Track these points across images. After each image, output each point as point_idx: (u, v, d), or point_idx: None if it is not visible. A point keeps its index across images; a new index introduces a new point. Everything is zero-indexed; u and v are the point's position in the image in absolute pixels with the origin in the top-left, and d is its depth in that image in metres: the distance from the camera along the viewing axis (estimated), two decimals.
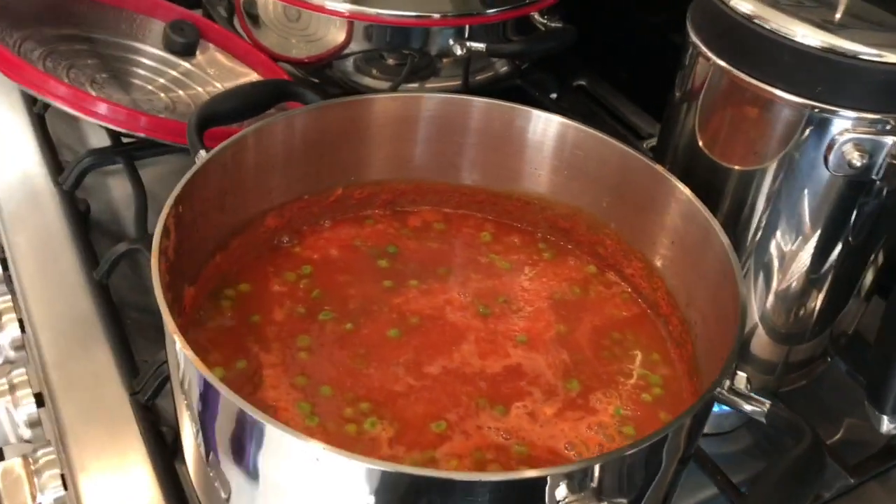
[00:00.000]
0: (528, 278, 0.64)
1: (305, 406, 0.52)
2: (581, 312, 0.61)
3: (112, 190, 0.83)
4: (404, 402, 0.53)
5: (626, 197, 0.62)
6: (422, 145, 0.65)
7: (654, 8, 0.94)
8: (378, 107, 0.63)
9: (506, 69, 0.92)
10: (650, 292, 0.62)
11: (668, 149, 0.64)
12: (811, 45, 0.52)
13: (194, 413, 0.45)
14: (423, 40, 0.85)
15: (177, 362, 0.46)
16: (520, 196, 0.66)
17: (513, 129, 0.63)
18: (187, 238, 0.53)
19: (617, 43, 1.00)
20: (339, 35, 0.85)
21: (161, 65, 0.88)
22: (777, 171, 0.56)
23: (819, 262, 0.59)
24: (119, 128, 0.72)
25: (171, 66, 0.88)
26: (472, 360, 0.57)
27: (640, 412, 0.55)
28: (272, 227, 0.63)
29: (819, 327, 0.64)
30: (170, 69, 0.88)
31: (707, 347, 0.55)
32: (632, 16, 0.97)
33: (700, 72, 0.59)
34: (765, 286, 0.61)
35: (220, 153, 0.55)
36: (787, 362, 0.65)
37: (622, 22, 0.98)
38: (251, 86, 0.67)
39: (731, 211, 0.59)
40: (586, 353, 0.58)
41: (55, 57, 0.80)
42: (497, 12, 0.85)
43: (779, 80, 0.53)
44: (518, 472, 0.41)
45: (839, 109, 0.53)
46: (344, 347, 0.56)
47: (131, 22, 0.89)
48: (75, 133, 0.89)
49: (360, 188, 0.65)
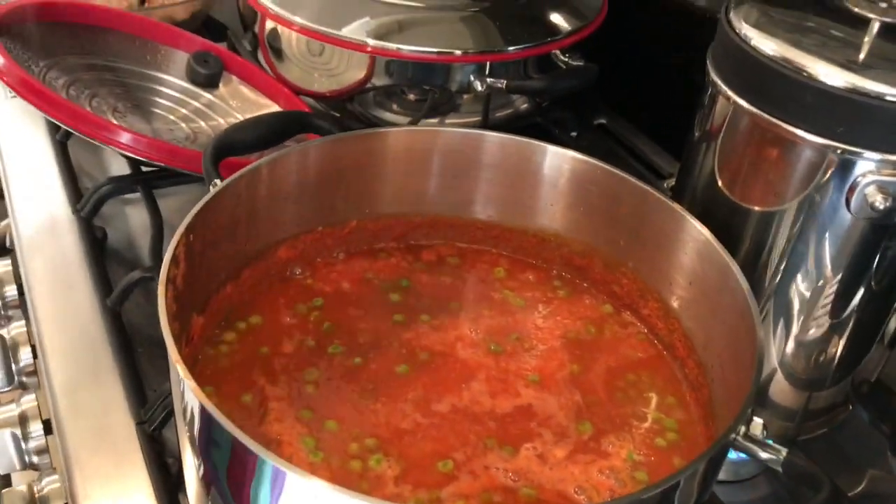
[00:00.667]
0: (542, 316, 0.63)
1: (310, 441, 0.51)
2: (595, 352, 0.60)
3: (130, 218, 0.83)
4: (411, 440, 0.52)
5: (643, 236, 0.61)
6: (437, 179, 0.64)
7: (675, 47, 0.94)
8: (393, 140, 0.62)
9: (526, 106, 0.92)
10: (666, 333, 0.60)
11: (686, 188, 0.63)
12: (835, 85, 0.51)
13: (195, 444, 0.45)
14: (444, 76, 0.85)
15: (180, 392, 0.45)
16: (535, 232, 0.66)
17: (529, 165, 0.63)
18: (197, 267, 0.53)
19: (638, 82, 0.99)
20: (360, 70, 0.85)
21: (184, 95, 0.89)
22: (798, 213, 0.55)
23: (841, 306, 0.58)
24: (138, 156, 0.72)
25: (193, 97, 0.89)
26: (482, 398, 0.56)
27: (654, 457, 0.54)
28: (284, 259, 0.62)
29: (840, 374, 0.62)
30: (192, 100, 0.88)
31: (724, 392, 0.54)
32: (653, 55, 0.96)
33: (720, 111, 0.58)
34: (784, 330, 0.60)
35: (234, 183, 0.54)
36: (807, 409, 0.63)
37: (643, 61, 0.98)
38: (269, 116, 0.67)
39: (750, 252, 0.58)
40: (600, 394, 0.57)
41: (79, 85, 0.81)
42: (518, 49, 0.85)
43: (801, 121, 0.53)
44: None
45: (862, 151, 0.52)
46: (352, 382, 0.56)
47: (156, 52, 0.90)
48: (97, 160, 0.90)
49: (375, 221, 0.65)
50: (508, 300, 0.64)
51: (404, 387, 0.56)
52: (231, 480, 0.43)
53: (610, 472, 0.52)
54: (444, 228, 0.67)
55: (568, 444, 0.53)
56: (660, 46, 0.95)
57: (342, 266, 0.64)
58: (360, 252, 0.65)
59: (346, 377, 0.56)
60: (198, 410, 0.43)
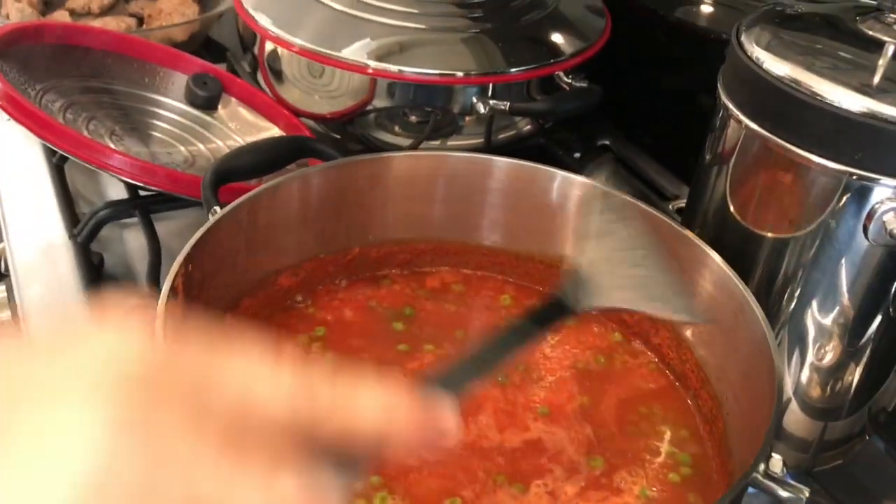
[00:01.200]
0: (550, 346, 0.61)
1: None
2: (606, 384, 0.59)
3: (127, 243, 0.81)
4: (417, 477, 0.51)
5: None
6: (441, 205, 0.63)
7: (679, 68, 0.93)
8: (397, 165, 0.61)
9: (529, 128, 0.90)
10: (678, 363, 0.59)
11: (697, 213, 0.62)
12: (851, 109, 0.49)
13: None
14: (447, 98, 0.84)
15: None
16: (542, 258, 0.64)
17: (535, 190, 0.61)
18: (196, 298, 0.51)
19: (642, 103, 0.98)
20: (361, 92, 0.84)
21: (182, 118, 0.87)
22: (812, 240, 0.54)
23: (857, 334, 0.56)
24: (135, 181, 0.71)
25: (192, 120, 0.87)
26: (490, 432, 0.54)
27: (668, 493, 0.52)
28: (285, 287, 0.61)
29: (857, 403, 0.60)
30: (191, 122, 0.87)
31: (739, 425, 0.52)
32: (656, 76, 0.95)
33: (732, 135, 0.56)
34: (799, 359, 0.58)
35: (235, 210, 0.53)
36: (823, 440, 0.62)
37: (647, 82, 0.97)
38: (268, 142, 0.66)
39: (763, 280, 0.57)
40: (611, 427, 0.56)
41: (76, 108, 0.80)
42: (521, 71, 0.84)
43: (816, 146, 0.51)
44: None
45: (880, 177, 0.50)
46: None
47: (154, 74, 0.89)
48: (94, 185, 0.88)
49: (378, 247, 0.64)
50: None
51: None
52: None
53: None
54: (448, 255, 0.65)
55: (579, 480, 0.52)
56: (663, 67, 0.94)
57: (344, 294, 0.63)
58: (363, 279, 0.64)
59: None
60: None
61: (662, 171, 0.95)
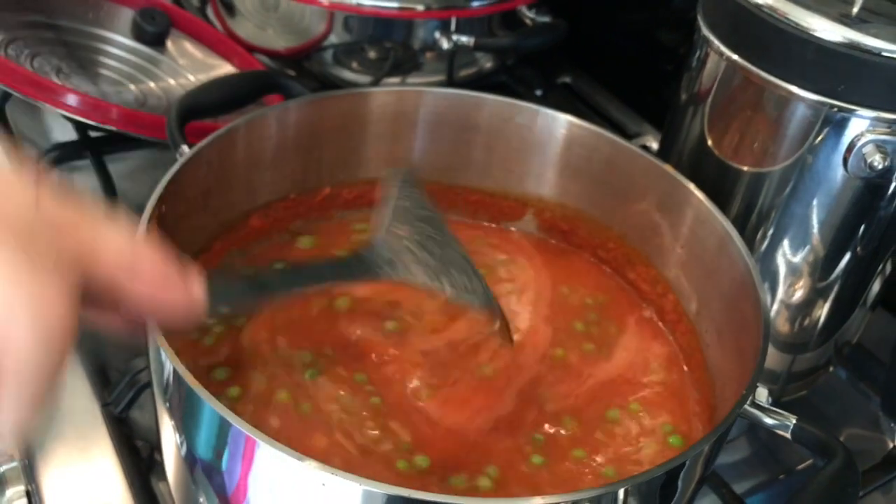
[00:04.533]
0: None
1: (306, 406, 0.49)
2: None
3: (78, 186, 0.78)
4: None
5: (631, 199, 0.59)
6: (418, 142, 0.61)
7: (640, 5, 0.92)
8: (375, 100, 0.59)
9: (490, 65, 0.89)
10: (656, 298, 0.59)
11: (672, 151, 0.61)
12: (832, 40, 0.49)
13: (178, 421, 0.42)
14: (407, 33, 0.82)
15: (161, 374, 0.42)
16: (517, 197, 0.63)
17: (515, 127, 0.60)
18: (169, 240, 0.49)
19: (601, 40, 0.98)
20: (318, 26, 0.81)
21: (130, 55, 0.83)
22: (790, 173, 0.54)
23: (828, 269, 0.57)
24: (90, 120, 0.67)
25: (140, 57, 0.84)
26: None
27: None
28: (256, 228, 0.59)
29: (824, 336, 0.62)
30: (139, 59, 0.83)
31: (719, 357, 0.53)
32: (619, 12, 0.95)
33: (711, 69, 0.56)
34: (771, 294, 0.59)
35: (207, 148, 0.51)
36: (791, 372, 0.63)
37: (606, 18, 0.96)
38: (234, 77, 0.63)
39: (739, 214, 0.57)
40: None
41: (18, 45, 0.75)
42: (483, 5, 0.83)
43: (797, 77, 0.51)
44: (531, 500, 0.37)
45: (859, 108, 0.50)
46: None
47: (98, 9, 0.84)
48: (38, 126, 0.84)
49: (350, 187, 0.62)
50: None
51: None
52: (213, 462, 0.40)
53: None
54: None
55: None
56: (624, 3, 0.94)
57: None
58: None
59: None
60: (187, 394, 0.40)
61: (623, 109, 0.94)
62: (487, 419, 0.50)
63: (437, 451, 0.48)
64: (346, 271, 0.47)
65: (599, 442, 0.50)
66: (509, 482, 0.47)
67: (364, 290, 0.55)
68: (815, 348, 0.62)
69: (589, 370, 0.55)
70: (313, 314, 0.54)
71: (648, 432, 0.52)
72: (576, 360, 0.55)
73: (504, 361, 0.54)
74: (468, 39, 0.80)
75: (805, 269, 0.57)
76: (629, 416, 0.52)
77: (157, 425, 0.47)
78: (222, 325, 0.53)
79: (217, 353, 0.52)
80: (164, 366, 0.41)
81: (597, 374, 0.55)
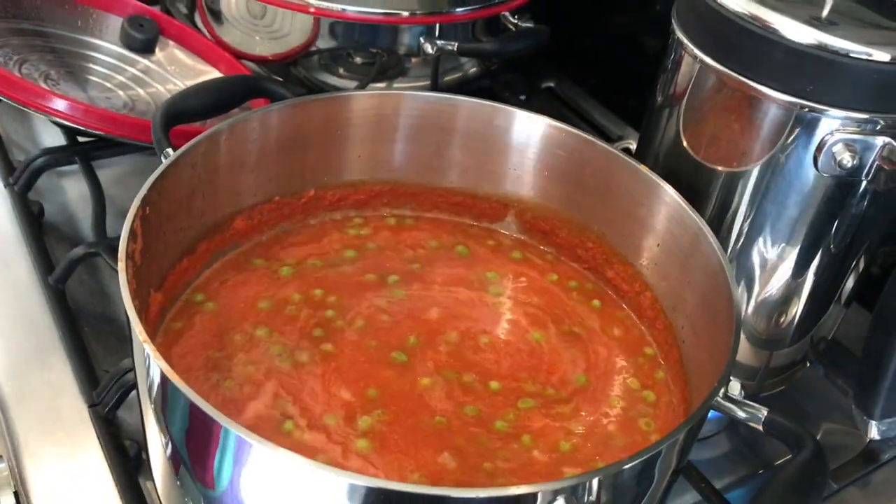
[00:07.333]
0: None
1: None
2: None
3: (67, 192, 0.79)
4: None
5: (609, 199, 0.60)
6: (399, 145, 0.62)
7: (625, 9, 0.93)
8: (356, 104, 0.60)
9: (475, 70, 0.90)
10: (633, 295, 0.60)
11: (649, 153, 0.63)
12: (802, 42, 0.50)
13: (162, 421, 0.43)
14: (392, 39, 0.83)
15: (146, 373, 0.43)
16: (499, 198, 0.64)
17: (494, 130, 0.61)
18: (154, 241, 0.50)
19: (586, 45, 0.99)
20: (305, 32, 0.82)
21: (119, 61, 0.84)
22: (763, 172, 0.55)
23: (803, 266, 0.58)
24: (78, 125, 0.68)
25: (129, 63, 0.85)
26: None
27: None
28: (241, 230, 0.60)
29: (800, 333, 0.63)
30: (128, 66, 0.84)
31: (695, 353, 0.54)
32: (602, 17, 0.96)
33: (685, 71, 0.57)
34: (746, 290, 0.60)
35: (191, 150, 0.52)
36: (768, 367, 0.64)
37: (590, 24, 0.97)
38: (218, 81, 0.64)
39: (715, 213, 0.58)
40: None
41: (7, 51, 0.76)
42: (466, 11, 0.84)
43: (768, 79, 0.52)
44: (508, 489, 0.38)
45: (829, 109, 0.52)
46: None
47: (88, 17, 0.86)
48: (26, 131, 0.85)
49: (334, 190, 0.63)
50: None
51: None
52: (195, 454, 0.41)
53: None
54: (405, 196, 0.65)
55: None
56: (608, 8, 0.95)
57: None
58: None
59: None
60: (171, 392, 0.41)
61: (606, 113, 0.96)
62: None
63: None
64: None
65: (576, 434, 0.51)
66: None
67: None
68: (792, 344, 0.63)
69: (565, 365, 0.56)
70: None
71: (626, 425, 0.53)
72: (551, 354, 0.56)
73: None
74: (452, 45, 0.81)
75: (780, 267, 0.58)
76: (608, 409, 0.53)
77: (143, 425, 0.48)
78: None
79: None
80: (149, 366, 0.42)
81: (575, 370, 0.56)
